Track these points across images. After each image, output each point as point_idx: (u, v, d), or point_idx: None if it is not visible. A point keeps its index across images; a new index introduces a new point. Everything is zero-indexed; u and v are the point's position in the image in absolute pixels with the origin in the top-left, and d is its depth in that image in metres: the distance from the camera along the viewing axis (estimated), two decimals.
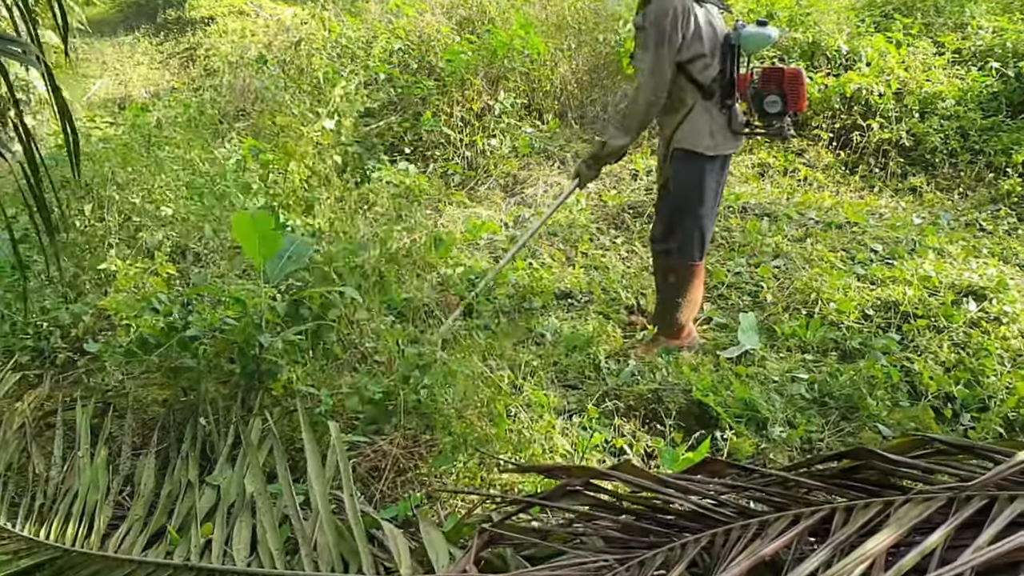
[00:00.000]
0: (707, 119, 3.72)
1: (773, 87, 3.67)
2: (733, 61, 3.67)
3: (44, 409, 3.57)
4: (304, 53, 6.39)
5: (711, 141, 3.73)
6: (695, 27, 3.60)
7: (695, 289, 4.02)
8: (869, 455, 2.02)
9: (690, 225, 3.87)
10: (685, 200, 3.85)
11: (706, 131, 3.72)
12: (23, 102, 7.97)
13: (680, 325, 4.05)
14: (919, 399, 3.73)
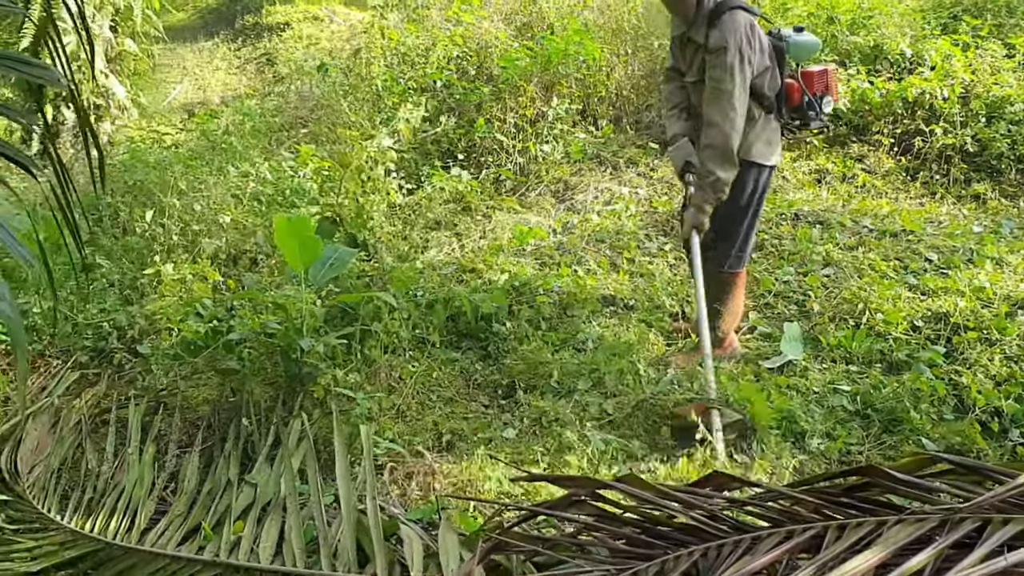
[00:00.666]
0: (767, 130, 3.76)
1: (822, 88, 3.75)
2: (782, 71, 3.71)
3: (100, 407, 3.74)
4: (364, 61, 6.53)
5: (769, 150, 3.77)
6: (759, 40, 3.61)
7: (737, 298, 4.02)
8: (876, 473, 2.01)
9: (743, 234, 3.89)
10: (743, 210, 3.84)
11: (765, 142, 3.75)
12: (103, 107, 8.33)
13: (722, 333, 4.03)
14: (966, 413, 3.65)
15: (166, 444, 3.45)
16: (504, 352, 4.09)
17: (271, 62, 10.40)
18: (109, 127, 8.08)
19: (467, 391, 3.90)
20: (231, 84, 10.77)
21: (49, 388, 3.78)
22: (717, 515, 1.93)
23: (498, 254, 4.99)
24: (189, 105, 9.95)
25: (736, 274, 3.98)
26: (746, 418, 3.35)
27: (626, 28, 6.65)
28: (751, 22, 3.59)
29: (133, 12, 8.62)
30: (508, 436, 3.52)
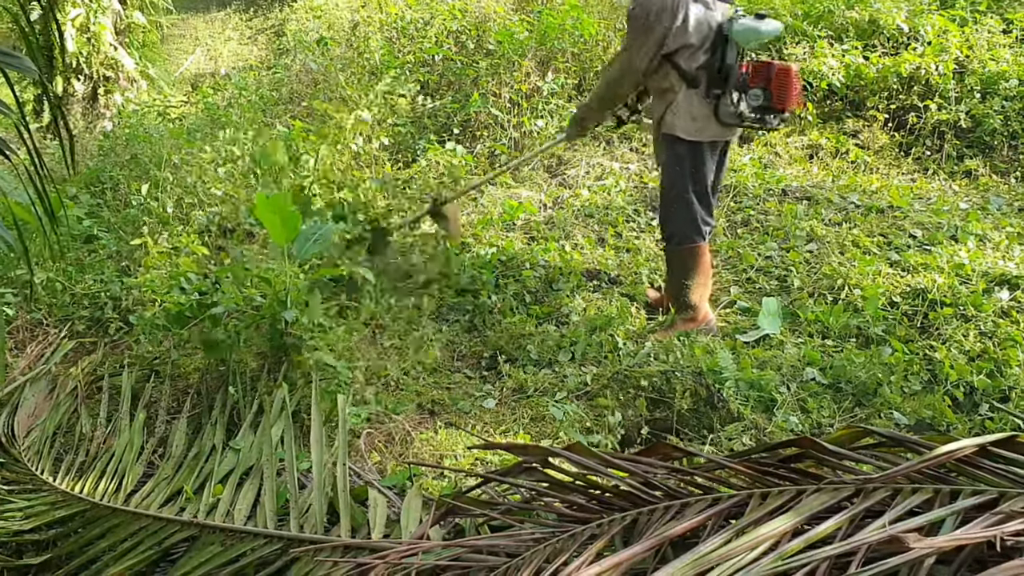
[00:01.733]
0: (690, 107, 3.82)
1: (760, 81, 3.75)
2: (724, 52, 3.74)
3: (96, 374, 3.88)
4: (362, 35, 6.60)
5: (693, 126, 3.85)
6: (684, 18, 3.70)
7: (701, 270, 4.09)
8: (808, 444, 2.11)
9: (683, 208, 3.99)
10: (673, 184, 3.99)
11: (688, 118, 3.83)
12: (112, 80, 8.43)
13: (693, 307, 4.12)
14: (939, 388, 3.73)
15: (156, 410, 3.58)
16: (489, 325, 4.19)
17: (279, 35, 10.45)
18: (119, 99, 8.18)
19: (451, 362, 4.01)
20: (242, 54, 10.84)
21: (47, 356, 3.92)
22: (652, 482, 2.04)
23: (488, 228, 5.08)
24: (200, 75, 10.05)
25: (689, 248, 4.05)
26: None
27: (623, 3, 6.67)
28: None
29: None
30: (488, 406, 3.63)
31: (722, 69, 3.77)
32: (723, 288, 4.53)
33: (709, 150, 3.94)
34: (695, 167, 3.94)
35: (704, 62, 3.79)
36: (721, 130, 3.89)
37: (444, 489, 2.92)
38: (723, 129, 3.89)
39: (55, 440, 3.44)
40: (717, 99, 3.79)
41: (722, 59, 3.77)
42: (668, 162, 3.99)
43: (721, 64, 3.77)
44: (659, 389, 3.62)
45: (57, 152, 5.86)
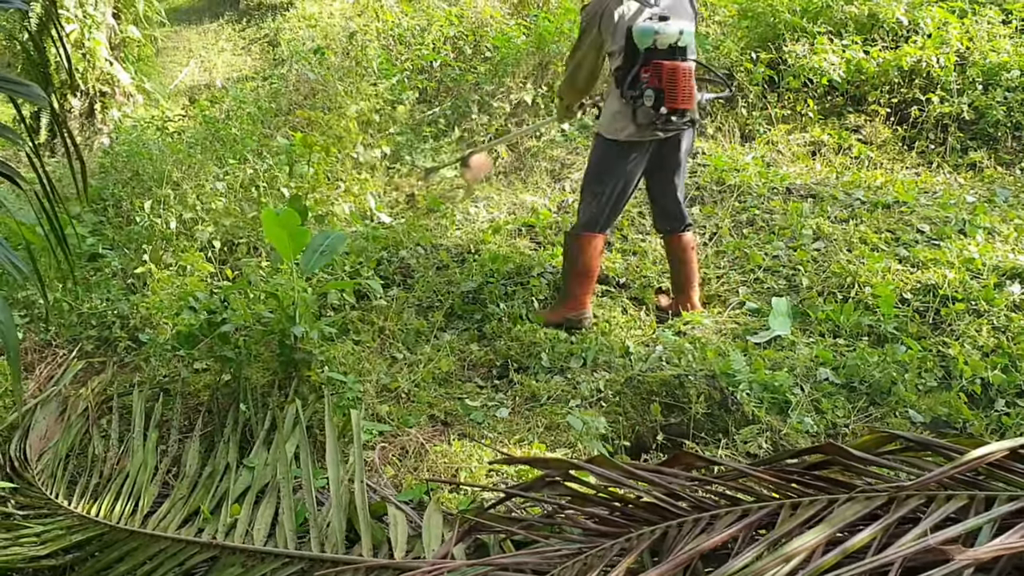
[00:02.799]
0: (613, 106, 4.00)
1: (654, 81, 3.83)
2: (632, 54, 3.85)
3: (106, 394, 3.86)
4: (359, 44, 6.58)
5: (612, 125, 4.01)
6: (614, 22, 3.87)
7: (587, 261, 4.20)
8: (834, 451, 2.09)
9: (590, 199, 4.16)
10: (587, 175, 4.21)
11: (611, 116, 4.01)
12: (108, 95, 8.41)
13: (570, 294, 4.23)
14: (953, 384, 3.71)
15: (168, 430, 3.55)
16: (498, 333, 4.17)
17: (273, 45, 10.43)
18: (116, 114, 8.16)
19: (462, 372, 3.99)
20: (236, 65, 10.82)
21: (56, 377, 3.89)
22: (678, 494, 2.02)
23: (495, 234, 5.06)
24: (196, 87, 10.02)
25: (580, 236, 4.19)
26: None
27: None
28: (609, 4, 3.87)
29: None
30: (501, 415, 3.61)
31: (630, 71, 3.88)
32: (731, 289, 4.52)
33: (630, 150, 4.04)
34: (609, 164, 4.08)
35: (619, 65, 3.93)
36: (638, 131, 3.97)
37: (462, 503, 2.90)
38: (640, 130, 3.96)
39: (68, 462, 3.42)
40: (634, 100, 3.89)
41: (631, 63, 3.88)
42: (590, 154, 4.22)
43: (630, 67, 3.88)
44: (673, 393, 3.59)
45: (57, 170, 5.84)
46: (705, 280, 4.59)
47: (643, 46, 3.82)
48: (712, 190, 5.40)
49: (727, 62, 6.20)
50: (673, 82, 3.79)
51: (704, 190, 5.40)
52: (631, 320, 4.26)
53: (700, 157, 5.81)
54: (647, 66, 3.84)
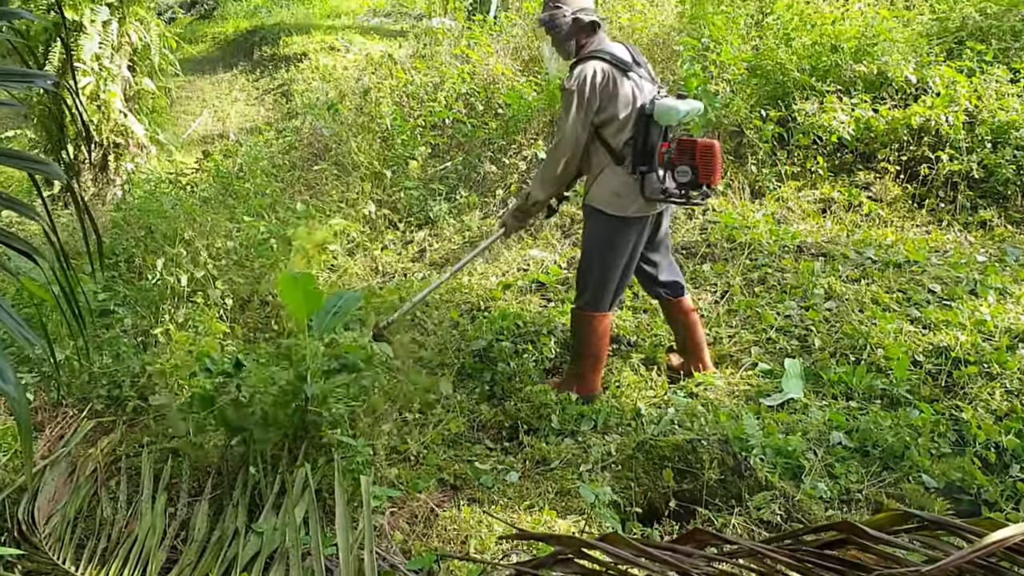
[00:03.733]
0: (615, 181, 3.90)
1: (686, 158, 3.81)
2: (647, 130, 3.81)
3: (116, 454, 3.84)
4: (373, 100, 6.66)
5: (617, 202, 3.91)
6: (613, 93, 3.81)
7: (594, 341, 4.11)
8: (850, 529, 2.06)
9: (596, 278, 4.05)
10: (590, 254, 4.06)
11: (612, 192, 3.91)
12: (122, 146, 8.50)
13: (581, 375, 4.14)
14: (966, 448, 3.67)
15: (178, 492, 3.53)
16: (508, 393, 4.16)
17: (286, 96, 10.55)
18: (129, 165, 8.24)
19: (471, 433, 3.97)
20: (249, 115, 10.95)
21: (66, 437, 3.88)
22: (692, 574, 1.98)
23: (505, 290, 5.07)
24: (208, 137, 10.13)
25: (588, 315, 4.10)
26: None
27: None
28: (604, 70, 3.81)
29: (151, 51, 8.80)
30: (511, 480, 3.58)
31: (646, 147, 3.84)
32: (743, 349, 4.50)
33: (635, 225, 3.98)
34: (614, 241, 3.99)
35: (628, 139, 3.86)
36: (646, 205, 3.93)
37: (471, 572, 2.87)
38: (648, 204, 3.93)
39: (76, 525, 3.39)
40: (643, 176, 3.85)
41: (645, 137, 3.84)
42: (587, 231, 4.08)
43: (644, 142, 3.84)
44: (685, 458, 3.56)
45: (70, 224, 5.89)
46: (717, 339, 4.58)
47: (669, 123, 3.83)
48: (723, 247, 5.40)
49: (736, 119, 6.23)
50: (709, 159, 3.78)
51: (715, 247, 5.41)
52: (642, 380, 4.24)
53: (710, 214, 5.83)
54: (666, 142, 3.85)
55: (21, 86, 2.41)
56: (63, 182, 2.05)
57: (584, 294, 4.10)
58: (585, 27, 3.93)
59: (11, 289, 4.75)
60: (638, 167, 3.86)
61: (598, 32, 3.96)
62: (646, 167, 3.84)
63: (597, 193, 3.96)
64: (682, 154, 3.82)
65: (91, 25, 7.54)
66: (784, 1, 7.08)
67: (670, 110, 3.77)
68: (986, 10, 6.90)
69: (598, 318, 4.09)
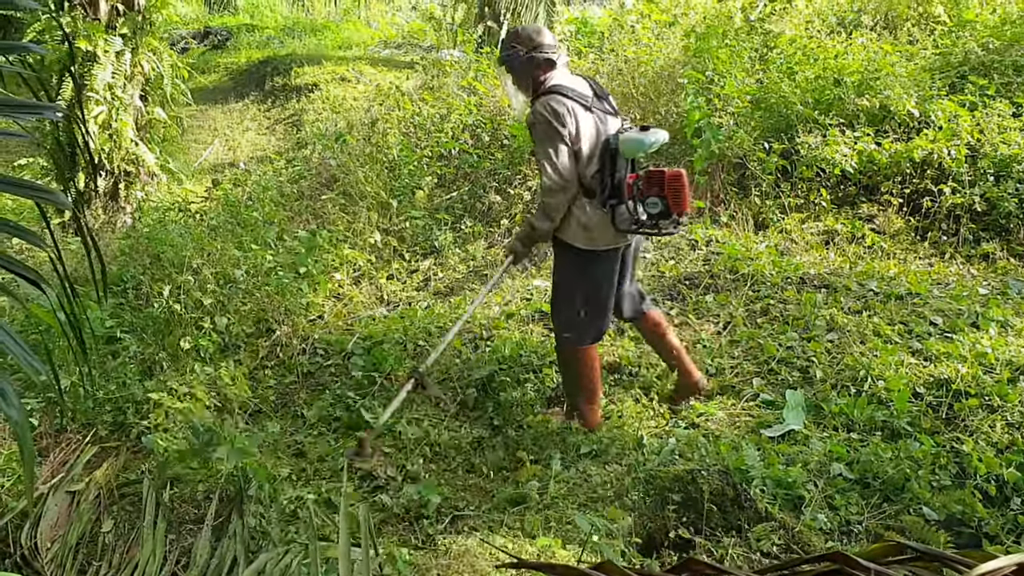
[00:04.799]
0: (585, 215, 3.90)
1: (655, 189, 3.81)
2: (614, 163, 3.83)
3: (119, 480, 3.87)
4: (380, 131, 6.74)
5: (586, 235, 3.92)
6: (576, 127, 3.81)
7: (586, 374, 4.11)
8: (844, 560, 2.08)
9: (569, 311, 4.05)
10: (562, 285, 4.08)
11: (582, 226, 3.91)
12: (133, 174, 8.59)
13: (580, 411, 4.14)
14: (967, 481, 3.67)
15: (179, 518, 3.56)
16: (510, 423, 4.18)
17: (297, 125, 10.65)
18: (139, 194, 8.32)
19: (472, 463, 3.99)
20: (260, 144, 11.04)
21: (70, 463, 3.91)
22: None
23: (508, 319, 5.10)
24: (219, 166, 10.22)
25: (572, 350, 4.10)
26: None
27: (635, 94, 6.80)
28: (564, 104, 3.81)
29: (163, 81, 8.91)
30: (512, 509, 3.59)
31: (614, 180, 3.85)
32: (745, 379, 4.52)
33: (607, 258, 3.99)
34: (585, 274, 4.00)
35: (595, 172, 3.87)
36: (616, 237, 3.95)
37: None
38: (618, 236, 3.94)
39: (78, 551, 3.41)
40: (613, 208, 3.85)
41: (612, 170, 3.85)
42: (557, 265, 4.10)
43: (612, 175, 3.85)
44: (685, 489, 3.57)
45: (79, 251, 5.94)
46: (719, 370, 4.59)
47: (635, 156, 3.88)
48: (726, 278, 5.43)
49: (740, 152, 6.28)
50: (679, 190, 3.80)
51: (718, 278, 5.44)
52: (644, 410, 4.25)
53: (714, 245, 5.87)
54: (634, 173, 3.89)
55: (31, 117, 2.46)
56: (69, 210, 2.10)
57: (567, 330, 4.09)
58: (541, 64, 3.97)
59: (19, 316, 4.80)
60: (608, 200, 3.86)
61: (556, 68, 3.99)
62: (616, 200, 3.85)
63: (566, 228, 3.96)
64: (651, 185, 3.83)
65: (104, 55, 7.64)
66: (788, 36, 7.16)
67: (635, 142, 3.81)
68: (988, 45, 6.96)
69: (583, 352, 4.09)
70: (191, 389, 4.20)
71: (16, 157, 9.22)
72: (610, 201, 3.85)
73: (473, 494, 3.69)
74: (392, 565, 3.11)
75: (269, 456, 3.87)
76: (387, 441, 4.05)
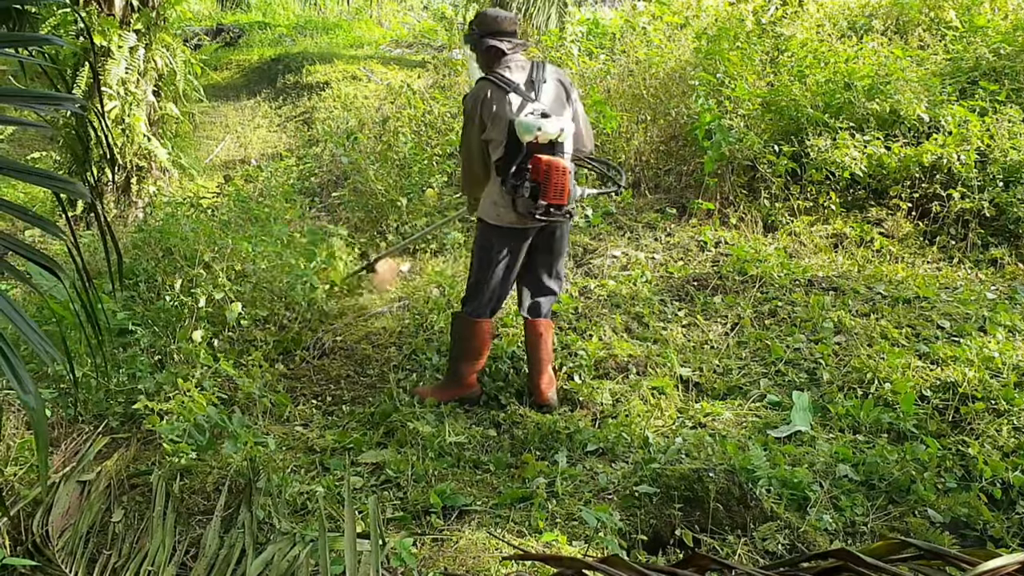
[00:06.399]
0: (494, 194, 4.16)
1: (533, 175, 3.99)
2: (515, 147, 4.02)
3: (129, 470, 3.91)
4: (391, 129, 6.77)
5: (493, 211, 4.18)
6: (494, 112, 4.07)
7: (473, 344, 4.36)
8: (848, 557, 2.09)
9: (477, 283, 4.32)
10: (475, 257, 4.34)
11: (492, 203, 4.17)
12: (145, 169, 8.64)
13: (457, 374, 4.38)
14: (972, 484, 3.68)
15: (188, 509, 3.59)
16: (516, 420, 4.20)
17: (308, 123, 10.69)
18: (151, 188, 8.37)
19: (479, 458, 4.01)
20: (271, 141, 11.09)
21: (81, 453, 3.95)
22: None
23: (516, 318, 5.11)
24: (230, 162, 10.27)
25: (465, 320, 4.35)
26: None
27: (646, 95, 6.82)
28: (489, 91, 4.11)
29: (176, 77, 8.96)
30: (518, 505, 3.61)
31: (511, 162, 4.03)
32: (752, 380, 4.53)
33: (510, 236, 4.21)
34: (492, 249, 4.24)
35: (501, 156, 4.09)
36: (518, 218, 4.13)
37: None
38: (520, 218, 4.12)
39: (88, 540, 3.44)
40: (515, 190, 4.03)
41: (514, 153, 4.03)
42: (475, 241, 4.36)
43: (512, 158, 4.03)
44: (691, 487, 3.59)
45: (92, 243, 5.99)
46: (726, 370, 4.61)
47: (525, 140, 4.00)
48: (734, 279, 5.45)
49: (750, 154, 6.29)
50: (548, 177, 3.96)
51: (726, 279, 5.45)
52: (651, 409, 4.27)
53: (723, 246, 5.89)
54: (528, 158, 4.03)
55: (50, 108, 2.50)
56: (87, 201, 2.14)
57: (466, 298, 4.40)
58: (490, 48, 4.22)
59: (30, 308, 4.84)
60: (509, 182, 4.04)
61: (507, 54, 4.20)
62: (516, 181, 4.02)
63: (482, 204, 4.26)
64: (533, 171, 4.00)
65: (118, 51, 7.69)
66: (799, 39, 7.17)
67: (525, 126, 3.97)
68: (1000, 51, 6.97)
69: (476, 323, 4.33)
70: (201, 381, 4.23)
71: (28, 151, 9.27)
72: (511, 182, 4.04)
73: (480, 490, 3.71)
74: (398, 557, 3.14)
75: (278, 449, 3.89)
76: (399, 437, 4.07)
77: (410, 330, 5.12)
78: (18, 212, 2.10)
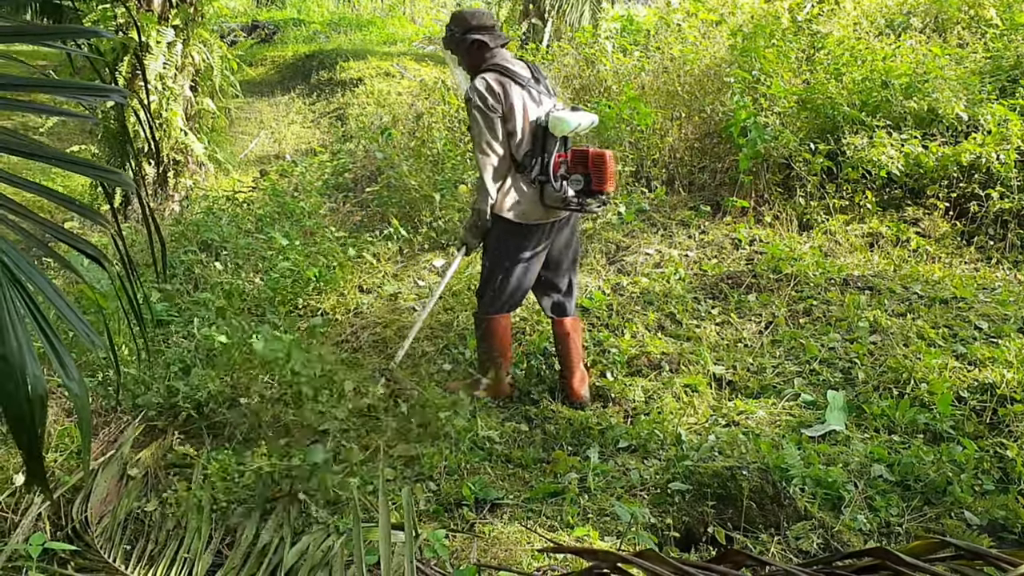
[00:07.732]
0: (517, 190, 4.11)
1: (579, 168, 4.05)
2: (544, 141, 4.01)
3: (166, 459, 3.96)
4: (425, 125, 6.79)
5: (518, 209, 4.12)
6: (510, 105, 4.01)
7: (497, 342, 4.33)
8: (886, 555, 2.08)
9: (496, 281, 4.25)
10: (490, 258, 4.26)
11: (514, 200, 4.11)
12: (182, 163, 8.74)
13: (489, 374, 4.34)
14: (1011, 487, 3.64)
15: (226, 498, 3.63)
16: (549, 416, 4.21)
17: (341, 119, 10.75)
18: (187, 182, 8.47)
19: (511, 454, 4.02)
20: (305, 137, 11.17)
21: (119, 441, 4.01)
22: None
23: None
24: (265, 158, 10.36)
25: (486, 318, 4.30)
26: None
27: (680, 92, 6.80)
28: (497, 80, 4.03)
29: (212, 73, 9.05)
30: (551, 499, 3.62)
31: (543, 157, 4.03)
32: (787, 379, 4.51)
33: (534, 233, 4.18)
34: (511, 246, 4.19)
35: (528, 150, 4.06)
36: (546, 213, 4.13)
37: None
38: (547, 212, 4.12)
39: (126, 527, 3.50)
40: (542, 185, 4.04)
41: (543, 148, 4.03)
42: (490, 237, 4.24)
43: (542, 153, 4.03)
44: (724, 485, 3.58)
45: (130, 235, 6.07)
46: (760, 369, 4.59)
47: (560, 134, 4.02)
48: (769, 278, 5.41)
49: (785, 152, 6.25)
50: (601, 168, 4.02)
51: (761, 278, 5.42)
52: (684, 407, 4.26)
53: (757, 244, 5.85)
54: (562, 152, 4.05)
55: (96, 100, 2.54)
56: (132, 191, 2.17)
57: (483, 296, 4.33)
58: (472, 45, 4.15)
59: (69, 298, 4.91)
60: (537, 177, 4.04)
61: (493, 50, 4.16)
62: (544, 177, 4.03)
63: (501, 201, 4.14)
64: (576, 163, 4.06)
65: (157, 46, 7.78)
66: (835, 36, 7.11)
67: (561, 121, 3.97)
68: None
69: (497, 320, 4.30)
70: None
71: (68, 144, 9.41)
72: (539, 178, 4.04)
73: (511, 484, 3.72)
74: (431, 548, 3.16)
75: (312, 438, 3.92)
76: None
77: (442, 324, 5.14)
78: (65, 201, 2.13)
